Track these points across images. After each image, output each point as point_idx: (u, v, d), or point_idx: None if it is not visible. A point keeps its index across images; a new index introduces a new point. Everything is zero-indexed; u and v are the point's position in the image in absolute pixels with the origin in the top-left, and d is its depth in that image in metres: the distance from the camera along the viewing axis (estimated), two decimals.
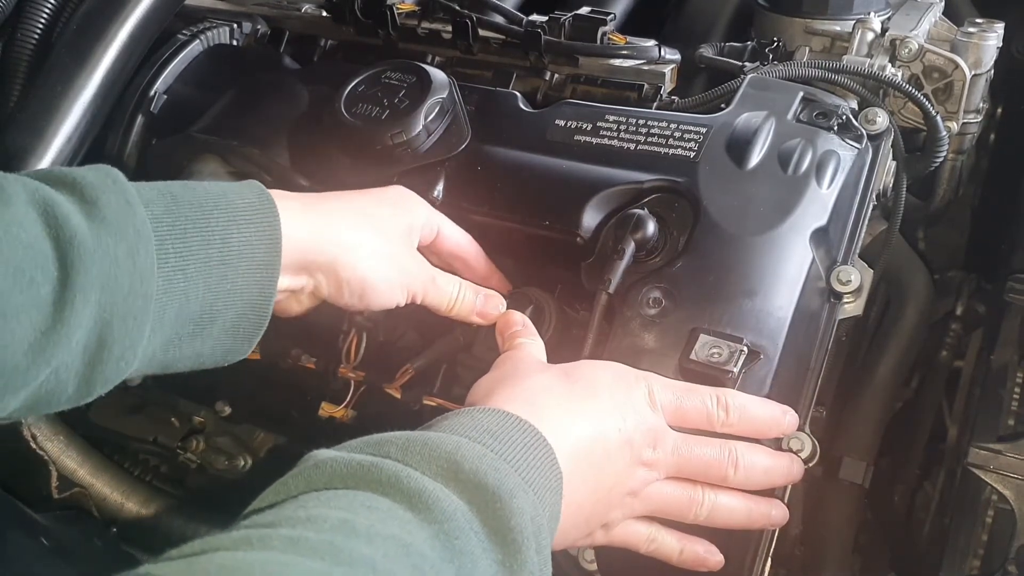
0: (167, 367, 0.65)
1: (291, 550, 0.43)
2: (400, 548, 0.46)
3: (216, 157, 0.91)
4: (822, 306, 0.78)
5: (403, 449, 0.54)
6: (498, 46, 0.96)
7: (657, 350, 0.74)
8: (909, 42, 0.91)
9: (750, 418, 0.70)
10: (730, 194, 0.78)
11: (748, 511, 0.71)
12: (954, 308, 1.19)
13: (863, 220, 0.82)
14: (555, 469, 0.60)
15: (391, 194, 0.78)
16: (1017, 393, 0.96)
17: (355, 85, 0.87)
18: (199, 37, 1.02)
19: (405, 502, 0.50)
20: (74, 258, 0.54)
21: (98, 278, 0.55)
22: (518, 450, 0.58)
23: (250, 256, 0.64)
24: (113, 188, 0.59)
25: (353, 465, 0.52)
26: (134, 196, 0.59)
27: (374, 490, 0.50)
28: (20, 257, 0.52)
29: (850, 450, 0.98)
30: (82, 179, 0.58)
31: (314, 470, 0.52)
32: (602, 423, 0.65)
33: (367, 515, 0.48)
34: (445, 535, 0.49)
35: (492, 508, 0.52)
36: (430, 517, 0.49)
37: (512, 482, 0.54)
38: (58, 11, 0.89)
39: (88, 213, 0.56)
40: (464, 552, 0.49)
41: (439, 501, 0.50)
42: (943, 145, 0.88)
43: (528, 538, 0.52)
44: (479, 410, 0.62)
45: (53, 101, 0.84)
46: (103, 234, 0.56)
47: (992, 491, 0.89)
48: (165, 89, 0.98)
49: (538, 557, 0.53)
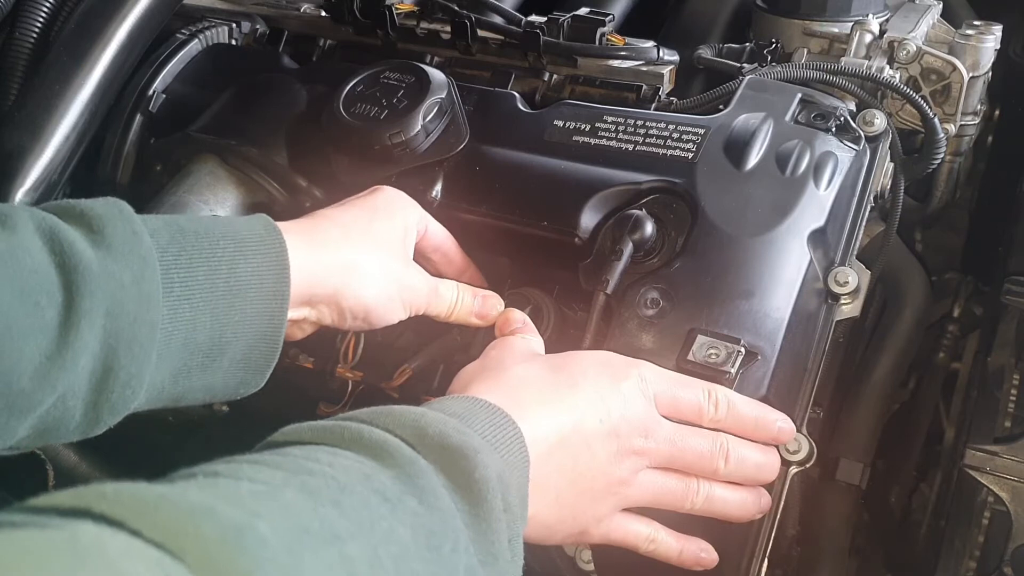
0: (178, 400, 0.65)
1: (256, 464, 0.45)
2: (361, 475, 0.47)
3: (214, 156, 0.91)
4: (819, 307, 0.78)
5: (369, 416, 0.54)
6: (497, 46, 0.96)
7: (655, 351, 0.74)
8: (907, 44, 0.91)
9: (739, 416, 0.70)
10: (728, 195, 0.78)
11: (742, 501, 0.71)
12: (951, 310, 1.19)
13: (861, 221, 0.82)
14: (522, 449, 0.59)
15: (381, 200, 0.77)
16: (1014, 395, 0.96)
17: (354, 85, 0.87)
18: (198, 36, 1.02)
19: (367, 452, 0.50)
20: (79, 283, 0.54)
21: (103, 304, 0.56)
22: (484, 426, 0.58)
23: (258, 286, 0.64)
24: (119, 218, 0.59)
25: (317, 427, 0.53)
26: (140, 225, 0.60)
27: (336, 444, 0.50)
28: (25, 281, 0.53)
29: (847, 451, 0.98)
30: (89, 210, 0.58)
31: (277, 435, 0.53)
32: (582, 414, 0.65)
33: (329, 456, 0.48)
34: (407, 476, 0.49)
35: (456, 464, 0.52)
36: (392, 463, 0.49)
37: (476, 442, 0.54)
38: (56, 10, 0.89)
39: (94, 241, 0.56)
40: (426, 490, 0.49)
41: (401, 448, 0.51)
42: (941, 147, 0.88)
43: (493, 490, 0.52)
44: (450, 398, 0.62)
45: (51, 100, 0.84)
46: (108, 260, 0.56)
47: (988, 493, 0.89)
48: (164, 88, 0.98)
49: (506, 515, 0.53)
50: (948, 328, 1.18)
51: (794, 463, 0.74)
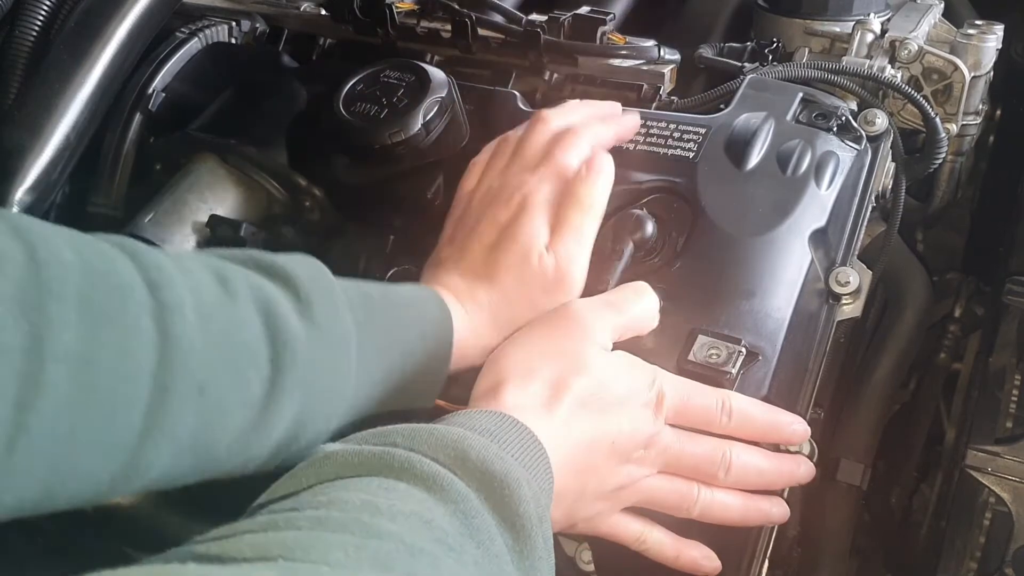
0: None
1: (319, 528, 0.43)
2: (423, 524, 0.46)
3: (214, 156, 0.90)
4: (820, 307, 0.78)
5: (409, 438, 0.54)
6: (497, 45, 0.96)
7: (655, 350, 0.74)
8: (908, 43, 0.91)
9: (751, 421, 0.70)
10: (729, 195, 0.78)
11: (744, 508, 0.71)
12: (952, 310, 1.19)
13: (862, 221, 0.82)
14: (548, 473, 0.60)
15: None
16: (1015, 395, 0.96)
17: (354, 84, 0.87)
18: (198, 35, 1.02)
19: (420, 484, 0.50)
20: (287, 360, 0.55)
21: (304, 379, 0.56)
22: (516, 447, 0.58)
23: (424, 370, 0.65)
24: (325, 289, 0.59)
25: (364, 454, 0.52)
26: (342, 300, 0.60)
27: (387, 475, 0.50)
28: (240, 356, 0.53)
29: (848, 452, 0.98)
30: (294, 275, 0.58)
31: (324, 461, 0.52)
32: (600, 436, 0.65)
33: (386, 496, 0.48)
34: (462, 513, 0.49)
35: (500, 494, 0.52)
36: (446, 497, 0.49)
37: (517, 472, 0.55)
38: (56, 8, 0.89)
39: (301, 312, 0.57)
40: (481, 530, 0.49)
41: (453, 483, 0.50)
42: (942, 147, 0.88)
43: (535, 524, 0.52)
44: (478, 412, 0.62)
45: (51, 99, 0.83)
46: (314, 337, 0.56)
47: (990, 493, 0.89)
48: (163, 87, 0.98)
49: (544, 545, 0.53)
50: (949, 328, 1.18)
51: None
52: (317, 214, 0.90)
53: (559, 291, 0.71)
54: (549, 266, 0.71)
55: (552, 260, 0.71)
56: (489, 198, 0.75)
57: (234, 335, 0.53)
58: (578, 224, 0.72)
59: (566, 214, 0.72)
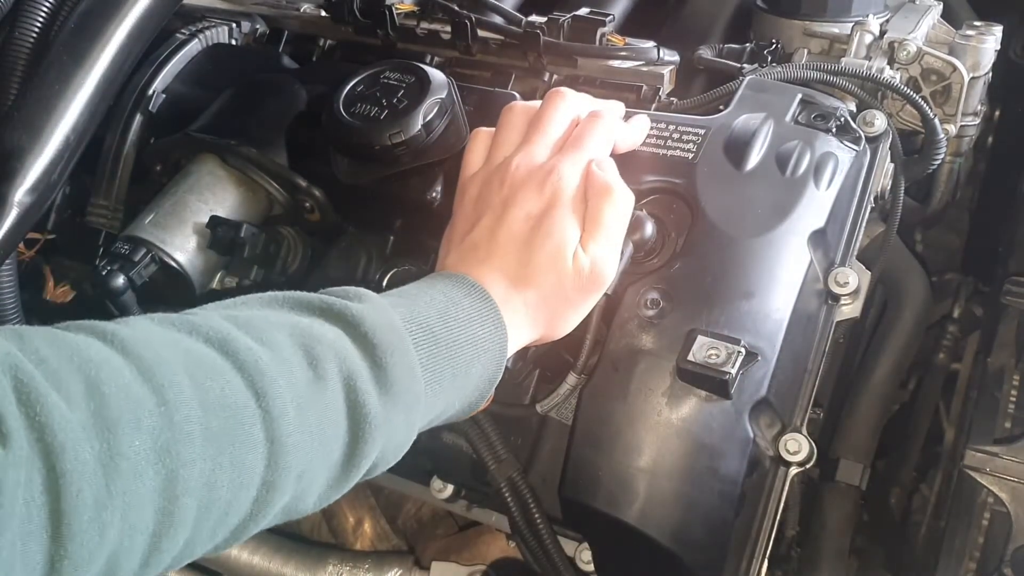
0: None
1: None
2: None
3: (214, 156, 0.91)
4: (820, 308, 0.78)
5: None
6: (497, 47, 0.96)
7: (655, 351, 0.74)
8: (907, 44, 0.91)
9: None
10: (728, 195, 0.78)
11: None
12: (951, 310, 1.19)
13: (861, 222, 0.82)
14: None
15: None
16: (1013, 396, 0.96)
17: (354, 85, 0.87)
18: (198, 36, 1.02)
19: None
20: (366, 431, 0.59)
21: (380, 442, 0.60)
22: None
23: (475, 388, 0.68)
24: (399, 350, 0.61)
25: None
26: (413, 358, 0.62)
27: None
28: (327, 429, 0.57)
29: (847, 452, 0.98)
30: (373, 336, 0.61)
31: None
32: None
33: None
34: None
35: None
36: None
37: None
38: (56, 9, 0.89)
39: (379, 381, 0.60)
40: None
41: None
42: (941, 147, 0.88)
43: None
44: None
45: (51, 100, 0.83)
46: (389, 405, 0.60)
47: (988, 493, 0.89)
48: (164, 88, 0.98)
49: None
50: (948, 329, 1.18)
51: (794, 464, 0.74)
52: (317, 214, 0.91)
53: (593, 289, 0.72)
54: (584, 266, 0.71)
55: (587, 261, 0.71)
56: (518, 177, 0.74)
57: (325, 420, 0.57)
58: (611, 223, 0.73)
59: (599, 211, 0.72)
